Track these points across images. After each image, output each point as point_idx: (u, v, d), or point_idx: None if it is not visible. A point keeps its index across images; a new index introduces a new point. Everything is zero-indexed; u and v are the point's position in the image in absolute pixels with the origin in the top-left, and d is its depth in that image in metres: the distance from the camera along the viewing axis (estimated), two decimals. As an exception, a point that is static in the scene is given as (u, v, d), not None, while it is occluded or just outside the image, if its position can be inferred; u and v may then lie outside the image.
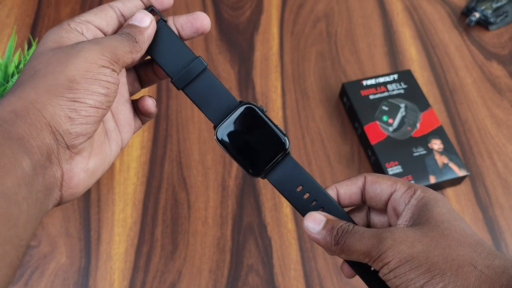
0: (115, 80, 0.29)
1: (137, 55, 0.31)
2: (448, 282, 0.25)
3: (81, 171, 0.29)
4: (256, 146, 0.33)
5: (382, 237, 0.28)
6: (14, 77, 0.48)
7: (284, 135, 0.33)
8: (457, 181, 0.57)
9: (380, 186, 0.32)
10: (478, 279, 0.25)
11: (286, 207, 0.56)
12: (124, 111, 0.34)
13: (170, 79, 0.33)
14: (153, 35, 0.32)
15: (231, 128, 0.33)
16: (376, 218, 0.34)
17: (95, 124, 0.28)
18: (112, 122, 0.33)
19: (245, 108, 0.33)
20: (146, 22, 0.31)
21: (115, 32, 0.32)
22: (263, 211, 0.56)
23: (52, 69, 0.27)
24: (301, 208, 0.33)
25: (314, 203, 0.33)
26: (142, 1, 0.32)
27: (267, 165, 0.33)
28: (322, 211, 0.33)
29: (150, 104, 0.34)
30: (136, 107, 0.35)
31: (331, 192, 0.33)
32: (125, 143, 0.34)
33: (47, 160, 0.26)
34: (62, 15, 0.73)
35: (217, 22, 0.73)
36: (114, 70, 0.29)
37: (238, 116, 0.33)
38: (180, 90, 0.33)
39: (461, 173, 0.56)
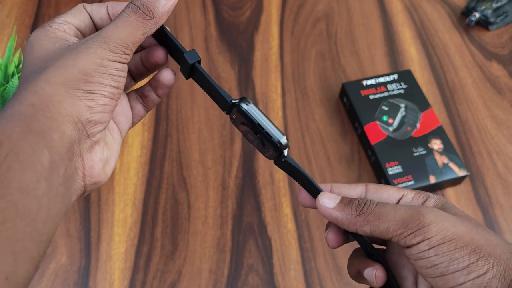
0: (125, 73, 0.29)
1: (151, 32, 0.29)
2: (492, 266, 0.25)
3: (99, 160, 0.29)
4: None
5: (423, 211, 0.26)
6: (14, 77, 0.48)
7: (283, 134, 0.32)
8: (457, 181, 0.57)
9: (386, 192, 0.31)
10: None
11: (286, 207, 0.56)
12: (118, 103, 0.33)
13: (182, 53, 0.31)
14: (172, 9, 0.29)
15: (249, 110, 0.31)
16: None
17: (110, 114, 0.29)
18: None
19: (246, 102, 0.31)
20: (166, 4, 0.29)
21: (93, 32, 0.31)
22: (263, 211, 0.56)
23: (62, 64, 0.27)
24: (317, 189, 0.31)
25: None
26: (107, 12, 0.32)
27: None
28: None
29: (169, 76, 0.33)
30: (141, 94, 0.35)
31: (324, 188, 0.32)
32: (124, 134, 0.34)
33: (68, 151, 0.26)
34: (62, 15, 0.73)
35: (217, 22, 0.73)
36: (124, 63, 0.29)
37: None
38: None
39: (461, 173, 0.56)
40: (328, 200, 0.30)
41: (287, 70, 0.68)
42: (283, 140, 0.30)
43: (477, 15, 0.71)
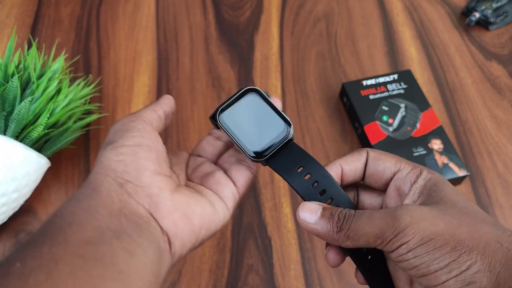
0: (144, 126, 0.32)
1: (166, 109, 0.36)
2: (475, 260, 0.24)
3: (165, 200, 0.29)
4: (260, 131, 0.32)
5: (397, 215, 0.26)
6: (14, 77, 0.48)
7: (288, 121, 0.32)
8: (457, 181, 0.57)
9: (383, 164, 0.31)
10: (505, 256, 0.24)
11: (286, 207, 0.56)
12: (210, 178, 0.34)
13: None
14: (167, 101, 0.36)
15: (235, 112, 0.32)
16: (368, 201, 0.33)
17: (150, 160, 0.30)
18: (201, 186, 0.34)
19: (250, 93, 0.33)
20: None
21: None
22: (263, 211, 0.56)
23: (103, 146, 0.31)
24: (302, 191, 0.31)
25: (316, 184, 0.31)
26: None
27: (270, 151, 0.32)
28: (324, 193, 0.31)
29: None
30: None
31: (335, 169, 0.31)
32: (229, 201, 0.33)
33: (120, 202, 0.27)
34: (62, 15, 0.73)
35: (217, 22, 0.73)
36: (144, 121, 0.32)
37: (243, 100, 0.32)
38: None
39: (461, 173, 0.56)
40: (309, 215, 0.29)
41: (287, 70, 0.68)
42: (251, 154, 0.32)
43: (477, 15, 0.71)
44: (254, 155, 0.32)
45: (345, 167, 0.31)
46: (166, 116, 0.36)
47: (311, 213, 0.29)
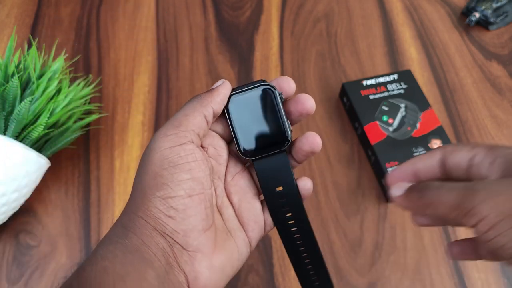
0: (195, 156, 0.28)
1: (209, 119, 0.31)
2: None
3: (204, 269, 0.28)
4: (259, 129, 0.32)
5: (475, 189, 0.24)
6: (14, 77, 0.48)
7: (289, 132, 0.32)
8: (457, 181, 0.57)
9: (459, 154, 0.30)
10: None
11: (286, 207, 0.56)
12: (249, 208, 0.33)
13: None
14: (223, 98, 0.32)
15: (244, 101, 0.32)
16: None
17: (199, 215, 0.28)
18: (235, 220, 0.32)
19: (266, 88, 0.32)
20: (218, 83, 0.32)
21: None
22: (263, 211, 0.56)
23: (139, 174, 0.29)
24: (272, 209, 0.33)
25: (287, 208, 0.32)
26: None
27: (260, 154, 0.32)
28: (290, 216, 0.33)
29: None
30: None
31: (409, 167, 0.32)
32: (254, 242, 0.32)
33: (167, 265, 0.26)
34: (62, 15, 0.73)
35: (217, 22, 0.73)
36: (192, 142, 0.29)
37: (256, 93, 0.32)
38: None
39: (461, 173, 0.56)
40: (395, 189, 0.30)
41: (287, 70, 0.68)
42: (242, 149, 0.32)
43: (477, 15, 0.71)
44: (244, 152, 0.32)
45: (419, 164, 0.31)
46: (215, 115, 0.31)
47: (399, 188, 0.30)
